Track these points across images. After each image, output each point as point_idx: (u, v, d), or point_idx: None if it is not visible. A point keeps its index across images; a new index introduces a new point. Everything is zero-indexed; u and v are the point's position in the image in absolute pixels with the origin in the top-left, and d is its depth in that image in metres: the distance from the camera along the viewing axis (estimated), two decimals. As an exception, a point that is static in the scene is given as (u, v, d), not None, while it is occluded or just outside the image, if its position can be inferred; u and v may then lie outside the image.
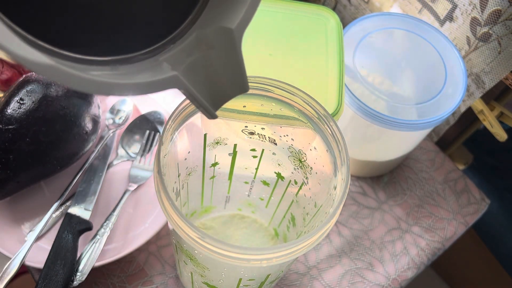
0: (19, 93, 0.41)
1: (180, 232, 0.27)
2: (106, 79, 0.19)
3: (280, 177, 0.38)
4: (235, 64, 0.23)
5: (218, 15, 0.23)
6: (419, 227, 0.52)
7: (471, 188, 0.55)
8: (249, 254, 0.26)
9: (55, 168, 0.44)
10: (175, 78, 0.22)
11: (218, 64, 0.23)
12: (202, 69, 0.23)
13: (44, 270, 0.38)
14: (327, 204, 0.32)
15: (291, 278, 0.47)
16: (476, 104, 0.51)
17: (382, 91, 0.44)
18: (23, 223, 0.45)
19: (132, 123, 0.52)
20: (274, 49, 0.39)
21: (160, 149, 0.28)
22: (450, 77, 0.45)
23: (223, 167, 0.39)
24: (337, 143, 0.31)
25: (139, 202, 0.48)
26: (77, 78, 0.18)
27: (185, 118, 0.31)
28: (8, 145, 0.40)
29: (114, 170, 0.50)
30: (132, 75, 0.21)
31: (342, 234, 0.51)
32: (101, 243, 0.42)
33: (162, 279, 0.46)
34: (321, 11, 0.43)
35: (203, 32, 0.23)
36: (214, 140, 0.36)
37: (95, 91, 0.19)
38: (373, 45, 0.47)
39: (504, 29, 0.44)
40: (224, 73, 0.24)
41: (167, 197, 0.27)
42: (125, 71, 0.22)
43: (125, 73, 0.22)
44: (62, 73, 0.17)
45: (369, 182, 0.54)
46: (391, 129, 0.43)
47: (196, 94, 0.23)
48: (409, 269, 0.49)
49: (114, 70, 0.22)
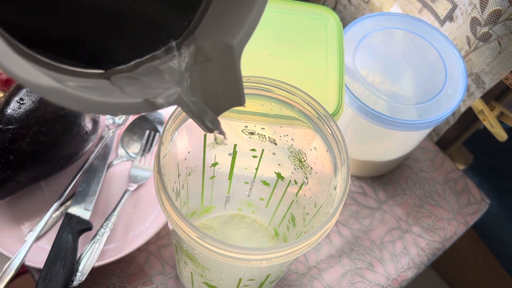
0: (19, 93, 0.41)
1: (180, 232, 0.27)
2: (110, 99, 0.19)
3: (280, 177, 0.38)
4: (232, 78, 0.23)
5: (218, 28, 0.23)
6: (419, 227, 0.52)
7: (471, 188, 0.55)
8: (249, 254, 0.26)
9: (55, 168, 0.44)
10: (176, 96, 0.21)
11: (215, 77, 0.23)
12: (199, 80, 0.23)
13: (44, 270, 0.38)
14: (327, 204, 0.32)
15: (291, 278, 0.47)
16: (476, 104, 0.51)
17: (382, 91, 0.44)
18: (23, 223, 0.45)
19: (132, 123, 0.52)
20: (274, 49, 0.39)
21: (160, 149, 0.28)
22: (450, 77, 0.45)
23: (223, 167, 0.39)
24: (337, 143, 0.31)
25: (139, 202, 0.48)
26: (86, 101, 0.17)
27: (185, 118, 0.31)
28: (8, 145, 0.40)
29: (114, 170, 0.50)
30: (130, 95, 0.21)
31: (342, 234, 0.51)
32: (101, 243, 0.42)
33: (162, 279, 0.46)
34: (321, 11, 0.43)
35: (203, 44, 0.23)
36: (214, 140, 0.36)
37: (104, 112, 0.19)
38: (373, 45, 0.47)
39: (504, 29, 0.44)
40: (220, 86, 0.23)
41: (167, 197, 0.27)
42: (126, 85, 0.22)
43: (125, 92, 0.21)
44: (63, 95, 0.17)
45: (369, 182, 0.54)
46: (391, 129, 0.43)
47: (194, 109, 0.23)
48: (409, 269, 0.49)
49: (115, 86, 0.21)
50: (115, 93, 0.21)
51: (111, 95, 0.20)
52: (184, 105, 0.22)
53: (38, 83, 0.16)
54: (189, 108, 0.22)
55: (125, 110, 0.20)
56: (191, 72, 0.23)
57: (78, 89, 0.18)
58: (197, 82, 0.23)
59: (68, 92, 0.17)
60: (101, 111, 0.18)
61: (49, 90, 0.16)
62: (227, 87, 0.23)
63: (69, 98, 0.17)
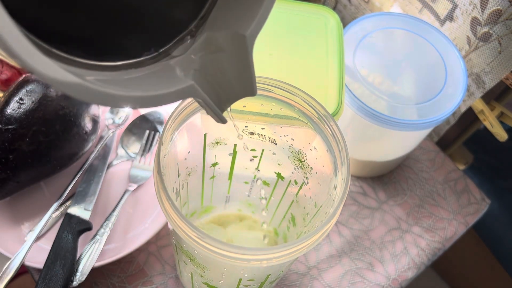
0: (19, 93, 0.41)
1: (180, 232, 0.26)
2: (125, 92, 0.19)
3: (280, 177, 0.38)
4: (244, 68, 0.23)
5: (230, 19, 0.23)
6: (419, 227, 0.52)
7: (471, 188, 0.55)
8: (249, 254, 0.26)
9: (55, 168, 0.44)
10: (192, 88, 0.21)
11: (227, 67, 0.23)
12: (211, 71, 0.23)
13: (44, 270, 0.38)
14: (327, 204, 0.32)
15: (291, 278, 0.47)
16: (476, 104, 0.51)
17: (382, 91, 0.44)
18: (23, 223, 0.45)
19: (132, 123, 0.52)
20: (274, 49, 0.39)
21: (160, 149, 0.28)
22: (450, 77, 0.45)
23: (223, 167, 0.39)
24: (337, 143, 0.30)
25: (139, 202, 0.48)
26: (97, 92, 0.17)
27: (185, 118, 0.31)
28: (8, 145, 0.40)
29: (114, 170, 0.50)
30: (149, 87, 0.21)
31: (342, 234, 0.51)
32: (101, 243, 0.42)
33: (162, 279, 0.45)
34: (321, 11, 0.42)
35: (214, 34, 0.23)
36: (214, 140, 0.36)
37: (116, 105, 0.18)
38: (373, 45, 0.47)
39: (504, 29, 0.44)
40: (232, 76, 0.23)
41: (167, 197, 0.27)
42: (141, 81, 0.22)
43: (143, 85, 0.21)
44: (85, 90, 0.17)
45: (369, 182, 0.54)
46: (391, 129, 0.43)
47: (210, 101, 0.23)
48: (409, 269, 0.49)
49: (129, 80, 0.21)
50: (131, 85, 0.21)
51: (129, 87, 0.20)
52: (198, 95, 0.22)
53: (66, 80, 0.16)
54: (202, 98, 0.22)
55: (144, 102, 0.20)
56: (203, 63, 0.23)
57: (98, 83, 0.18)
58: (209, 73, 0.23)
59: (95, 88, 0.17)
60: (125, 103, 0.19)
61: (71, 86, 0.16)
62: (239, 78, 0.23)
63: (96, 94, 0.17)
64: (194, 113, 0.32)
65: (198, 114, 0.32)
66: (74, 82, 0.16)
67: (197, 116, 0.32)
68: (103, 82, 0.19)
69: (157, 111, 0.52)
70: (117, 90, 0.18)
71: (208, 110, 0.23)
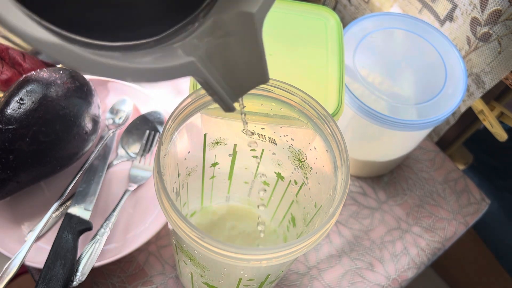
0: (19, 93, 0.41)
1: (180, 232, 0.27)
2: (117, 62, 0.18)
3: (280, 177, 0.38)
4: (255, 52, 0.22)
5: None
6: (419, 227, 0.52)
7: (471, 188, 0.55)
8: (249, 254, 0.26)
9: (55, 168, 0.44)
10: (191, 65, 0.20)
11: (236, 53, 0.22)
12: (219, 57, 0.22)
13: (44, 270, 0.38)
14: (327, 204, 0.32)
15: (291, 278, 0.47)
16: (476, 104, 0.51)
17: (382, 91, 0.44)
18: (23, 223, 0.45)
19: (132, 123, 0.52)
20: (274, 49, 0.39)
21: (160, 149, 0.28)
22: (450, 77, 0.45)
23: (223, 167, 0.39)
24: (337, 143, 0.31)
25: (139, 202, 0.48)
26: (86, 60, 0.17)
27: (185, 118, 0.31)
28: (8, 145, 0.40)
29: (114, 170, 0.50)
30: (146, 61, 0.20)
31: (342, 234, 0.51)
32: (101, 243, 0.42)
33: (162, 279, 0.46)
34: (321, 11, 0.43)
35: (221, 17, 0.21)
36: (214, 140, 0.36)
37: (104, 73, 0.17)
38: (373, 45, 0.47)
39: (504, 29, 0.44)
40: (243, 63, 0.22)
41: (167, 197, 0.27)
42: (138, 57, 0.20)
43: (139, 58, 0.20)
44: (71, 54, 0.16)
45: (369, 182, 0.54)
46: (391, 129, 0.43)
47: (213, 82, 0.21)
48: (409, 269, 0.49)
49: (126, 55, 0.20)
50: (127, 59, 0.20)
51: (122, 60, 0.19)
52: (199, 74, 0.21)
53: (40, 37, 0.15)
54: (204, 78, 0.21)
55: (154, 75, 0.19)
56: (209, 48, 0.21)
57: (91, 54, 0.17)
58: (218, 61, 0.22)
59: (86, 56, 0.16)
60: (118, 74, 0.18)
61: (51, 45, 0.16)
62: (250, 64, 0.22)
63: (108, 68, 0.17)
64: (194, 113, 0.32)
65: (198, 114, 0.32)
66: (54, 42, 0.16)
67: (197, 116, 0.32)
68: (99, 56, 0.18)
69: (157, 111, 0.52)
70: (110, 60, 0.17)
71: (215, 97, 0.22)
